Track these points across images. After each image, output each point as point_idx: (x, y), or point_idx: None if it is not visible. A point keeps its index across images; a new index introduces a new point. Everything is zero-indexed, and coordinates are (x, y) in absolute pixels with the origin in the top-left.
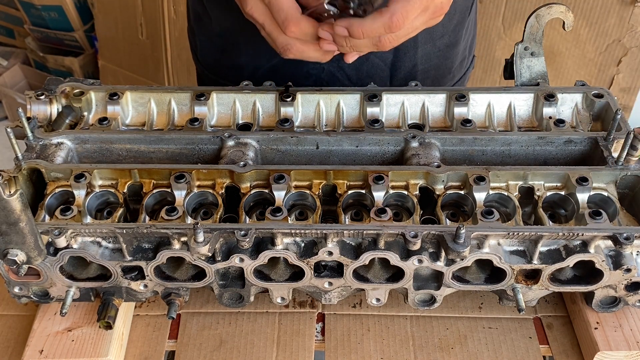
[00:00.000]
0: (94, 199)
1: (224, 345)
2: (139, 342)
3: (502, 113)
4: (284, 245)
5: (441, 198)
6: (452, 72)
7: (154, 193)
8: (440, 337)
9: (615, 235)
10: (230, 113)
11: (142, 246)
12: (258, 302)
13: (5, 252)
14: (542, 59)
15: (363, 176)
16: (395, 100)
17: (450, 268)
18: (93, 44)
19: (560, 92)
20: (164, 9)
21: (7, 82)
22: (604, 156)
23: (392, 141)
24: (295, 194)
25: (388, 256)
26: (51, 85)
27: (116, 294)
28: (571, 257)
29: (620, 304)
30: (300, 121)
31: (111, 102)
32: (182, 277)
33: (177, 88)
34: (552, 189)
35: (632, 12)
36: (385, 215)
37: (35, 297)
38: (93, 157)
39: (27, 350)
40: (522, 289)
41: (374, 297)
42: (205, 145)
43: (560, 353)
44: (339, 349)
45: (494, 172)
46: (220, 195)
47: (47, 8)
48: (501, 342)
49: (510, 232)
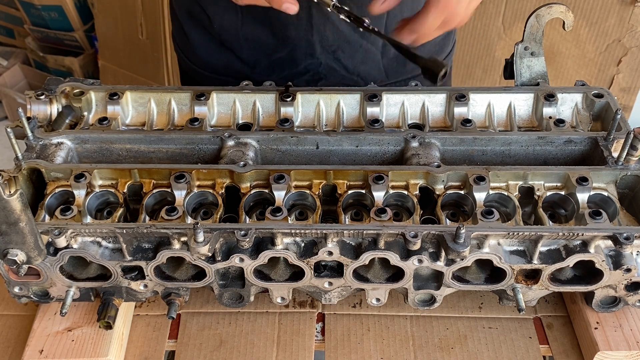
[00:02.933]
0: (94, 199)
1: (224, 345)
2: (139, 342)
3: (502, 113)
4: (284, 245)
5: (441, 198)
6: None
7: (154, 193)
8: (440, 337)
9: (615, 235)
10: (230, 113)
11: (142, 246)
12: (258, 302)
13: (5, 252)
14: (542, 59)
15: (363, 176)
16: (395, 100)
17: (450, 268)
18: (93, 44)
19: (560, 92)
20: (164, 9)
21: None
22: (604, 156)
23: (392, 141)
24: (295, 194)
25: (388, 256)
26: (51, 85)
27: (116, 294)
28: (571, 257)
29: (620, 304)
30: (300, 121)
31: (111, 102)
32: (182, 277)
33: (177, 88)
34: (552, 189)
35: (632, 12)
36: (385, 215)
37: (35, 297)
38: (93, 157)
39: (27, 350)
40: (522, 289)
41: (374, 297)
42: (205, 145)
43: (560, 353)
44: (339, 349)
45: (494, 172)
46: (220, 195)
47: (47, 8)
48: (501, 342)
49: (510, 232)
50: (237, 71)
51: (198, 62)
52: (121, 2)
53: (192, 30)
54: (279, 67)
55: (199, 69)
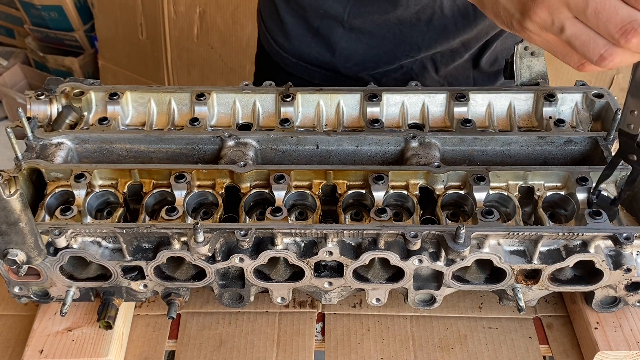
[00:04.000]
0: (94, 198)
1: (224, 345)
2: (139, 342)
3: (502, 113)
4: (284, 245)
5: (441, 198)
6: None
7: (154, 193)
8: (440, 337)
9: (615, 235)
10: (230, 113)
11: (142, 246)
12: (258, 302)
13: (5, 252)
14: (542, 59)
15: (363, 176)
16: (395, 100)
17: (450, 268)
18: (93, 44)
19: (560, 92)
20: (164, 9)
21: (7, 82)
22: (604, 156)
23: (392, 141)
24: (295, 193)
25: (388, 256)
26: (51, 85)
27: (116, 294)
28: (571, 257)
29: (620, 304)
30: (300, 121)
31: (111, 102)
32: (182, 277)
33: (177, 88)
34: (552, 189)
35: None
36: (385, 215)
37: (35, 297)
38: (93, 157)
39: (27, 350)
40: (522, 289)
41: (374, 297)
42: (205, 145)
43: (560, 353)
44: (339, 349)
45: (494, 172)
46: (220, 195)
47: (47, 8)
48: (501, 342)
49: (510, 232)
50: (327, 62)
51: (287, 47)
52: (121, 2)
53: (287, 13)
54: (372, 63)
55: (284, 54)
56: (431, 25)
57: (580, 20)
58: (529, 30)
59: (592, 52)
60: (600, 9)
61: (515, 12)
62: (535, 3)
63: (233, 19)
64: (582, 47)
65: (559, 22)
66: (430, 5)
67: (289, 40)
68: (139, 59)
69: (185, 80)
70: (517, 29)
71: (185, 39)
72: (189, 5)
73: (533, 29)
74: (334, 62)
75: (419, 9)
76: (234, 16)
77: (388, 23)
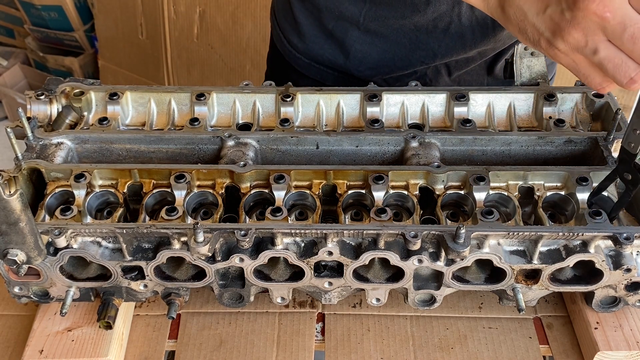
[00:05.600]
0: (94, 199)
1: (224, 345)
2: (139, 342)
3: (502, 113)
4: (284, 245)
5: (441, 198)
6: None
7: (154, 193)
8: (440, 337)
9: (615, 235)
10: (230, 113)
11: (142, 246)
12: (258, 302)
13: (5, 252)
14: (542, 59)
15: (363, 176)
16: (395, 100)
17: (450, 268)
18: (93, 44)
19: (560, 92)
20: (164, 9)
21: (7, 82)
22: (604, 156)
23: (392, 141)
24: (295, 193)
25: (388, 256)
26: (51, 85)
27: (116, 294)
28: (571, 257)
29: (620, 304)
30: (300, 121)
31: (111, 102)
32: (182, 277)
33: (177, 88)
34: (552, 189)
35: None
36: (385, 215)
37: (35, 297)
38: (93, 157)
39: (27, 350)
40: (522, 289)
41: (374, 297)
42: (205, 145)
43: (560, 353)
44: (339, 349)
45: (494, 172)
46: (220, 195)
47: (47, 8)
48: (501, 342)
49: (510, 232)
50: (340, 64)
51: (300, 48)
52: (121, 2)
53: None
54: (386, 67)
55: (297, 54)
56: (448, 33)
57: (614, 44)
58: (558, 50)
59: (623, 74)
60: (637, 34)
61: (546, 31)
62: (570, 24)
63: (233, 19)
64: (613, 70)
65: (593, 44)
66: (448, 13)
67: (302, 40)
68: (139, 59)
69: (185, 80)
70: (544, 47)
71: (185, 39)
72: (189, 5)
73: (564, 49)
74: (347, 65)
75: (437, 16)
76: (234, 16)
77: (404, 28)
